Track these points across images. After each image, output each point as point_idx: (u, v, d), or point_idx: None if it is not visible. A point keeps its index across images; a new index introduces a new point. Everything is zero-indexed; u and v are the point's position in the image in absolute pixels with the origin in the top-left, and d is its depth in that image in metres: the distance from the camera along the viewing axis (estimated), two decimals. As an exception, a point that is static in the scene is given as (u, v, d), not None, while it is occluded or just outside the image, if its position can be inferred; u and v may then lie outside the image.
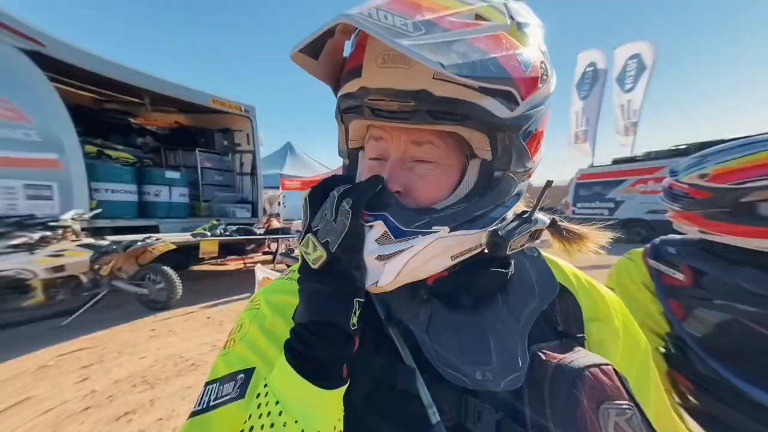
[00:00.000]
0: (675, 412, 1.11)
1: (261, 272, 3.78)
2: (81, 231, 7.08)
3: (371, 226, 0.73)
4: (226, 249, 9.97)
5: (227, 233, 9.69)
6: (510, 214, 0.79)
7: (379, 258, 0.72)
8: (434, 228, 0.73)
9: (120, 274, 6.80)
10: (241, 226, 10.39)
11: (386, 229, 0.73)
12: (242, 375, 0.73)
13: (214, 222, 9.87)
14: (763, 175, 1.45)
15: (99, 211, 7.87)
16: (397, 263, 0.73)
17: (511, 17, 0.67)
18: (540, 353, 0.75)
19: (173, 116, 12.41)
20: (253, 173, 12.56)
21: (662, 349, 1.68)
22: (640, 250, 1.85)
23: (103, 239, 7.23)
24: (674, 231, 1.79)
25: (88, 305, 6.53)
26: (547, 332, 0.79)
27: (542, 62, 0.70)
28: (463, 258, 0.77)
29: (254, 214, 12.28)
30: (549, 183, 0.82)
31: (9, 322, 6.08)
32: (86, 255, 6.57)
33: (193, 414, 0.73)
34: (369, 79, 0.68)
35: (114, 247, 6.93)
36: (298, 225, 13.26)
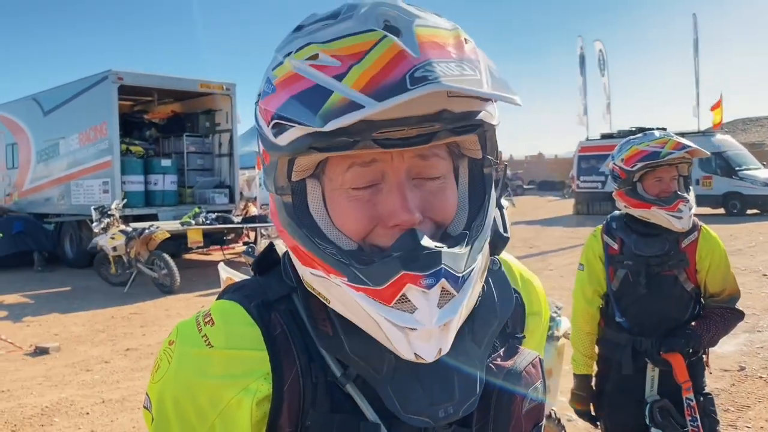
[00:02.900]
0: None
1: (224, 272, 3.96)
2: (119, 218, 11.13)
3: (429, 291, 0.68)
4: (208, 238, 12.32)
5: (208, 222, 12.07)
6: None
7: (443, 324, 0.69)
8: (477, 257, 0.74)
9: (139, 257, 10.70)
10: (219, 214, 12.72)
11: (446, 285, 0.69)
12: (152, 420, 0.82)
13: (197, 210, 12.50)
14: (634, 163, 2.44)
15: (125, 201, 11.98)
16: (457, 320, 0.71)
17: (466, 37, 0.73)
18: (492, 365, 0.82)
19: (170, 106, 15.86)
20: (231, 153, 14.76)
21: (600, 306, 2.66)
22: (601, 226, 2.69)
23: (128, 226, 11.16)
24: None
25: (132, 279, 10.57)
26: (499, 338, 0.87)
27: None
28: (485, 274, 0.79)
29: (232, 199, 14.50)
30: (506, 166, 0.91)
31: (112, 282, 10.78)
32: (123, 239, 10.52)
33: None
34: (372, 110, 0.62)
35: (134, 233, 10.85)
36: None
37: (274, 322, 0.82)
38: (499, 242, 0.82)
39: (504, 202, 0.92)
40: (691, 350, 2.50)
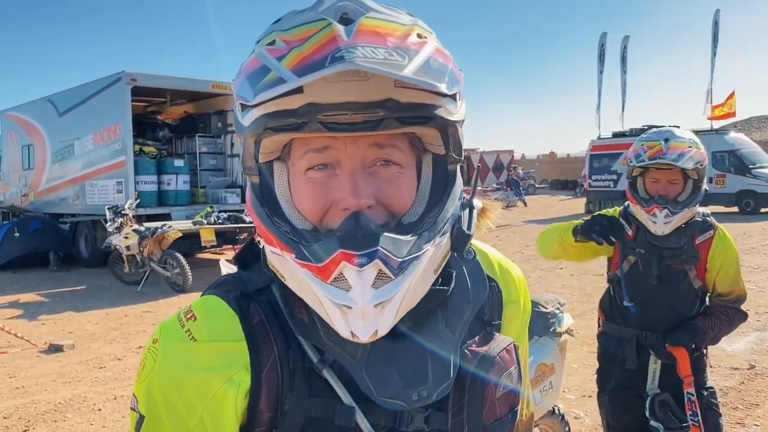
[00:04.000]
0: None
1: (226, 267, 3.75)
2: (132, 218, 11.23)
3: (362, 270, 0.70)
4: (221, 238, 12.37)
5: (220, 221, 12.18)
6: None
7: (377, 305, 0.71)
8: (424, 247, 0.75)
9: (152, 256, 10.73)
10: (231, 214, 12.72)
11: (382, 266, 0.71)
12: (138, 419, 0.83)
13: (209, 209, 12.60)
14: (631, 158, 2.51)
15: (138, 201, 12.08)
16: (395, 303, 0.73)
17: (429, 31, 0.78)
18: (467, 351, 0.84)
19: (183, 107, 16.01)
20: (243, 154, 15.68)
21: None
22: (619, 209, 2.70)
23: (141, 226, 11.24)
24: None
25: (145, 278, 10.64)
26: (475, 325, 0.89)
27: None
28: (441, 268, 0.81)
29: (243, 199, 13.58)
30: (479, 168, 1.03)
31: (126, 281, 10.86)
32: (136, 238, 10.57)
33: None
34: (318, 95, 0.68)
35: (147, 233, 10.92)
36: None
37: (252, 312, 0.85)
38: (461, 239, 0.83)
39: (477, 202, 0.94)
40: (693, 345, 2.50)
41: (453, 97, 0.77)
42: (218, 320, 0.84)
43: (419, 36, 0.76)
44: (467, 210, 0.87)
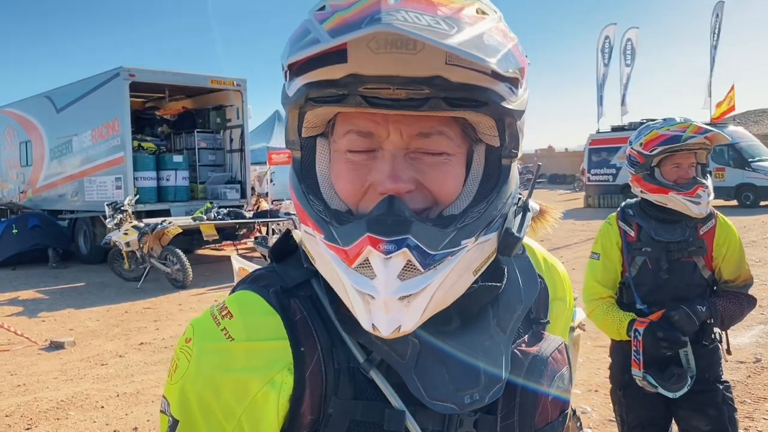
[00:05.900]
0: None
1: (237, 262, 3.93)
2: (132, 214, 11.18)
3: (389, 258, 0.66)
4: (221, 233, 12.32)
5: (219, 216, 12.10)
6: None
7: (402, 298, 0.66)
8: (462, 243, 0.70)
9: (152, 252, 10.70)
10: (231, 209, 12.70)
11: (411, 257, 0.66)
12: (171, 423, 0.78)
13: (208, 205, 12.59)
14: (653, 147, 2.43)
15: (137, 197, 12.03)
16: (423, 299, 0.67)
17: (494, 10, 0.73)
18: (516, 351, 0.81)
19: (181, 102, 15.90)
20: (242, 149, 14.81)
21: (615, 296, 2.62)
22: (615, 213, 2.67)
23: (141, 222, 11.21)
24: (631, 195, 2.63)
25: (145, 274, 10.61)
26: (522, 323, 0.85)
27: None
28: (483, 270, 0.75)
29: (243, 194, 14.53)
30: (539, 167, 0.97)
31: (126, 277, 10.81)
32: (136, 234, 10.55)
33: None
34: (361, 65, 0.64)
35: (146, 229, 10.88)
36: (287, 206, 14.11)
37: (293, 309, 0.79)
38: (509, 240, 0.77)
39: (534, 205, 0.91)
40: (710, 321, 2.47)
41: (511, 81, 0.71)
42: (256, 317, 0.79)
43: (479, 11, 0.70)
44: (521, 212, 0.81)
